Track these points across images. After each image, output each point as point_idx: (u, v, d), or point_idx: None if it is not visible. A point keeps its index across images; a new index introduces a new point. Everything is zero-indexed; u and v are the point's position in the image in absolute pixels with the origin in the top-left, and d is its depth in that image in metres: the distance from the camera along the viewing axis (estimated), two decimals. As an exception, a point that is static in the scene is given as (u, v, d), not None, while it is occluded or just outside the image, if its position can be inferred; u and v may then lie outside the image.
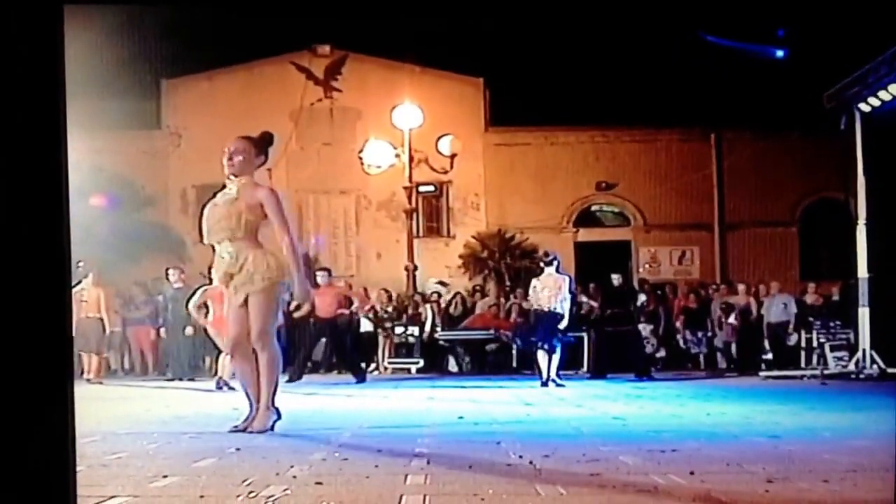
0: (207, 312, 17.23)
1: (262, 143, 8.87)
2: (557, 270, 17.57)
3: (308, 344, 19.59)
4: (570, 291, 17.70)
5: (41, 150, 2.52)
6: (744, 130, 29.41)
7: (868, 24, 14.99)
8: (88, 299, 19.72)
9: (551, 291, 17.29)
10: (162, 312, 21.88)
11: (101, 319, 19.88)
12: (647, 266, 29.79)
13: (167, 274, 21.31)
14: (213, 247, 8.61)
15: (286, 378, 18.26)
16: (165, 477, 5.55)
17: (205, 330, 17.71)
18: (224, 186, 8.74)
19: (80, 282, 19.70)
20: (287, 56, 30.87)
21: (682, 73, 25.29)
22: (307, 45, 30.88)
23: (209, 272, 9.45)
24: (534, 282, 17.88)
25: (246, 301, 8.41)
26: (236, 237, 8.39)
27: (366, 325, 24.02)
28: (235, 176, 8.62)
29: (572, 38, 24.88)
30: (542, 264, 18.05)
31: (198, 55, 29.01)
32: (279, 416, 8.43)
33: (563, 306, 17.35)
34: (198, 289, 18.36)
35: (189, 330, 19.60)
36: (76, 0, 2.52)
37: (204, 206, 8.82)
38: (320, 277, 19.64)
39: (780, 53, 25.50)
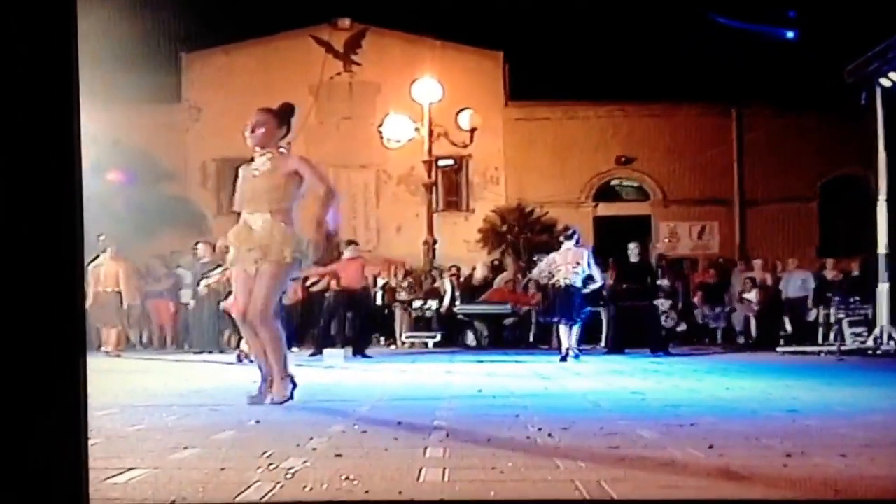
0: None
1: (284, 115, 8.92)
2: (577, 244, 17.57)
3: (331, 317, 19.57)
4: (596, 263, 17.71)
5: (54, 125, 2.52)
6: (764, 106, 29.29)
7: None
8: (107, 273, 19.76)
9: (570, 265, 17.30)
10: (191, 286, 21.97)
11: (119, 293, 19.89)
12: (666, 241, 29.75)
13: (195, 248, 21.38)
14: (238, 217, 8.64)
15: (310, 352, 18.39)
16: (185, 449, 5.58)
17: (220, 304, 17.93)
18: (252, 160, 8.80)
19: (98, 255, 19.78)
20: (307, 30, 30.83)
21: (699, 53, 25.20)
22: (327, 18, 30.84)
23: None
24: (552, 255, 17.89)
25: (256, 274, 8.42)
26: (274, 209, 8.46)
27: (383, 299, 24.11)
28: (260, 147, 8.74)
29: (592, 11, 24.78)
30: (561, 238, 18.03)
31: (217, 29, 29.00)
32: (295, 385, 8.51)
33: (593, 276, 17.45)
34: (216, 267, 18.48)
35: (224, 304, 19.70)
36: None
37: (236, 179, 8.86)
38: (348, 250, 19.61)
39: (790, 35, 25.55)
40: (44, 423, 2.49)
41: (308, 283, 20.57)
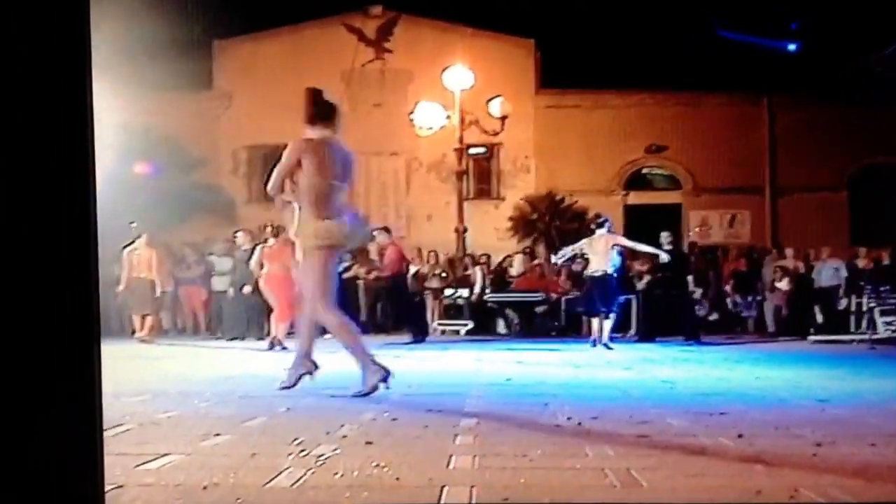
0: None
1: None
2: (609, 231, 17.58)
3: (369, 304, 19.57)
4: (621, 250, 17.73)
5: (67, 115, 2.52)
6: (795, 94, 29.13)
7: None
8: (140, 259, 19.86)
9: (603, 254, 17.30)
10: (227, 273, 22.09)
11: (152, 280, 19.98)
12: (697, 229, 29.67)
13: (235, 236, 21.48)
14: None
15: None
16: (217, 435, 5.62)
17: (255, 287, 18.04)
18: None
19: (132, 242, 19.90)
20: (338, 17, 30.85)
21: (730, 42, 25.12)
22: (359, 7, 30.85)
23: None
24: (583, 242, 17.88)
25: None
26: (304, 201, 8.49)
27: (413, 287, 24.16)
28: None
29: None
30: (592, 226, 18.00)
31: (249, 16, 29.06)
32: (388, 373, 8.22)
33: (628, 247, 17.54)
34: (255, 247, 18.59)
35: (247, 289, 19.77)
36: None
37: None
38: (381, 237, 19.57)
39: (792, 47, 25.57)
40: (59, 412, 2.49)
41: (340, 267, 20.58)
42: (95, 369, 2.51)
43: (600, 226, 17.54)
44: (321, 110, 8.74)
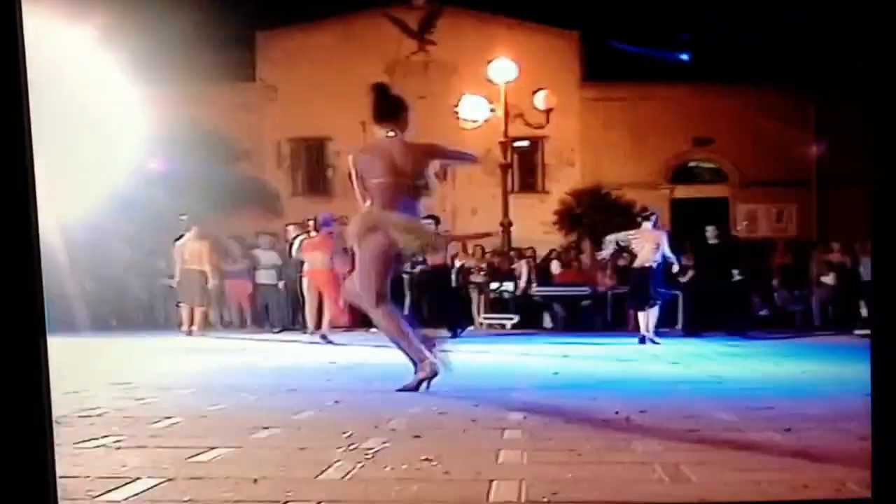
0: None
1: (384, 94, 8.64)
2: (655, 226, 17.51)
3: (415, 295, 19.55)
4: (669, 249, 17.64)
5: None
6: (842, 88, 28.92)
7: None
8: (191, 251, 19.99)
9: (650, 247, 17.26)
10: (272, 266, 22.29)
11: (203, 272, 20.09)
12: (744, 223, 29.52)
13: (286, 229, 21.60)
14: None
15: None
16: (266, 429, 5.65)
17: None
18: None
19: (182, 234, 20.05)
20: (382, 9, 30.89)
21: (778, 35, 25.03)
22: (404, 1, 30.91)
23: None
24: (630, 232, 17.83)
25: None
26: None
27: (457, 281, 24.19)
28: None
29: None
30: (639, 219, 17.95)
31: (292, 7, 29.16)
32: (436, 370, 8.15)
33: (664, 260, 17.41)
34: (295, 238, 18.70)
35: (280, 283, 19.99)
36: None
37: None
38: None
39: (685, 57, 25.63)
40: (4, 407, 2.45)
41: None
42: (42, 363, 2.46)
43: (646, 218, 17.49)
44: (388, 106, 8.48)
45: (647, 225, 17.41)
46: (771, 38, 25.34)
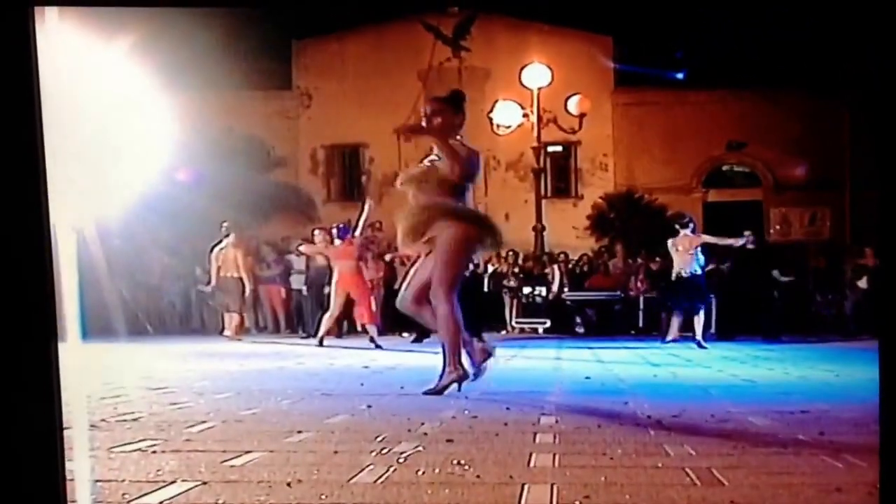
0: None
1: (457, 102, 8.79)
2: (693, 232, 17.56)
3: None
4: (703, 254, 17.67)
5: (11, 103, 2.45)
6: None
7: None
8: (227, 258, 20.13)
9: (689, 254, 17.29)
10: (303, 272, 22.48)
11: (241, 279, 20.23)
12: (777, 227, 29.42)
13: (312, 234, 21.67)
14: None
15: (412, 338, 18.56)
16: (299, 433, 5.68)
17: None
18: (432, 150, 8.66)
19: (220, 241, 20.21)
20: (417, 17, 30.95)
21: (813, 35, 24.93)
22: (441, 9, 30.89)
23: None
24: (670, 242, 17.83)
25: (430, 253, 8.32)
26: (433, 191, 8.36)
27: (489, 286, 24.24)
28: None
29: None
30: (677, 226, 17.92)
31: (329, 16, 29.27)
32: (465, 376, 8.22)
33: (703, 266, 17.49)
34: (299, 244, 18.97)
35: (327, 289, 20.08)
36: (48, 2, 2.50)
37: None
38: None
39: (680, 76, 25.55)
40: (16, 412, 2.44)
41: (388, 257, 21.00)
42: (53, 368, 2.46)
43: (684, 226, 17.50)
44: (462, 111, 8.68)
45: (685, 232, 17.43)
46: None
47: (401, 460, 4.70)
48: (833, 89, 29.04)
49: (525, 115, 26.72)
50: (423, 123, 8.64)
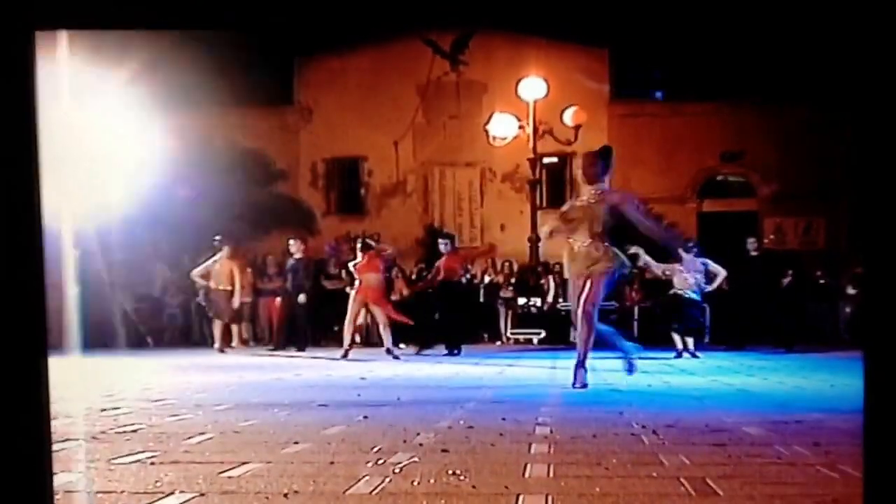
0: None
1: (607, 156, 10.98)
2: (697, 256, 17.67)
3: (440, 312, 19.61)
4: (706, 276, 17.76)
5: (7, 110, 2.45)
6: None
7: None
8: (220, 272, 20.20)
9: (690, 276, 17.39)
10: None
11: (229, 291, 20.27)
12: (772, 237, 29.44)
13: (288, 244, 21.59)
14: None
15: (415, 350, 18.65)
16: (296, 444, 5.71)
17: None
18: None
19: (214, 254, 20.27)
20: (416, 34, 31.01)
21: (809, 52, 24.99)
22: (442, 26, 30.96)
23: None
24: (676, 267, 17.83)
25: (585, 281, 10.52)
26: (595, 233, 10.51)
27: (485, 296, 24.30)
28: (589, 184, 10.81)
29: (698, 9, 24.64)
30: (681, 251, 17.92)
31: (329, 34, 29.36)
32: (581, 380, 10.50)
33: (716, 274, 17.61)
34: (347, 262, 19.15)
35: (301, 297, 20.17)
36: (48, 27, 2.50)
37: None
38: (443, 245, 19.66)
39: (658, 95, 25.68)
40: (3, 428, 2.44)
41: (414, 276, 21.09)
42: (42, 381, 2.46)
43: (688, 251, 17.53)
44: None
45: (688, 257, 17.49)
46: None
47: (397, 471, 4.73)
48: (829, 100, 29.08)
49: (521, 127, 26.76)
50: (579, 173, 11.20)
